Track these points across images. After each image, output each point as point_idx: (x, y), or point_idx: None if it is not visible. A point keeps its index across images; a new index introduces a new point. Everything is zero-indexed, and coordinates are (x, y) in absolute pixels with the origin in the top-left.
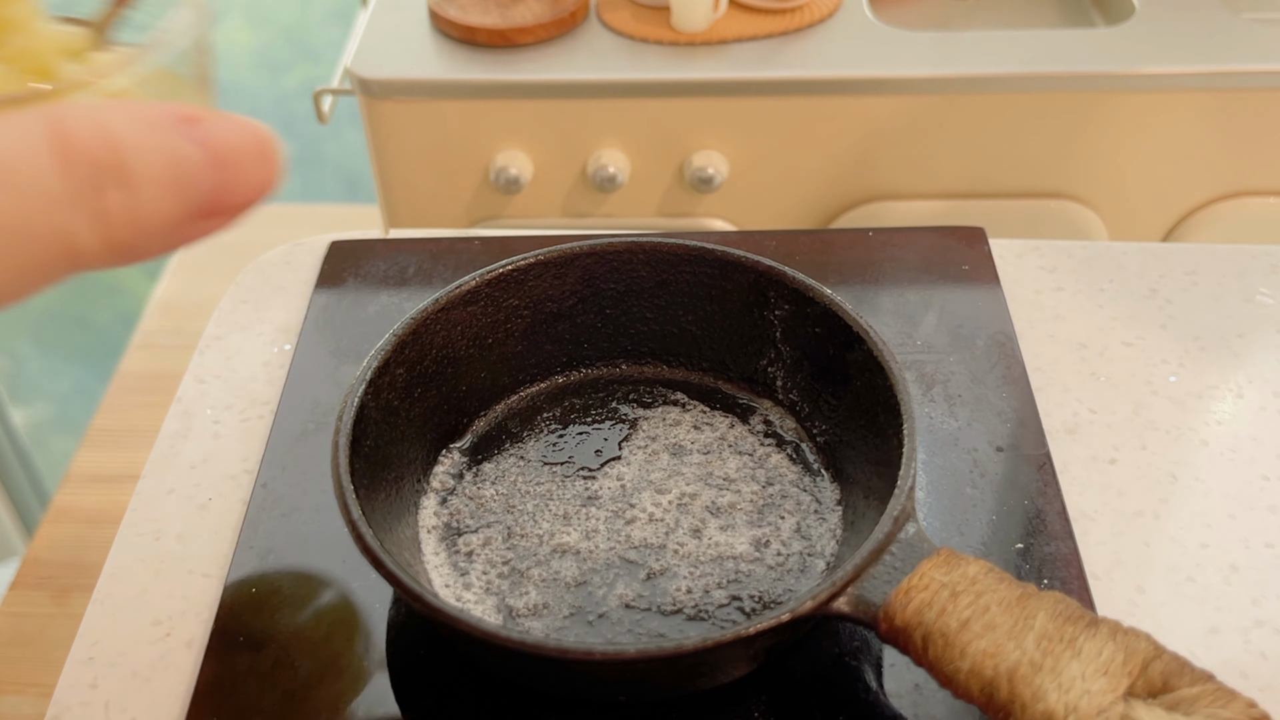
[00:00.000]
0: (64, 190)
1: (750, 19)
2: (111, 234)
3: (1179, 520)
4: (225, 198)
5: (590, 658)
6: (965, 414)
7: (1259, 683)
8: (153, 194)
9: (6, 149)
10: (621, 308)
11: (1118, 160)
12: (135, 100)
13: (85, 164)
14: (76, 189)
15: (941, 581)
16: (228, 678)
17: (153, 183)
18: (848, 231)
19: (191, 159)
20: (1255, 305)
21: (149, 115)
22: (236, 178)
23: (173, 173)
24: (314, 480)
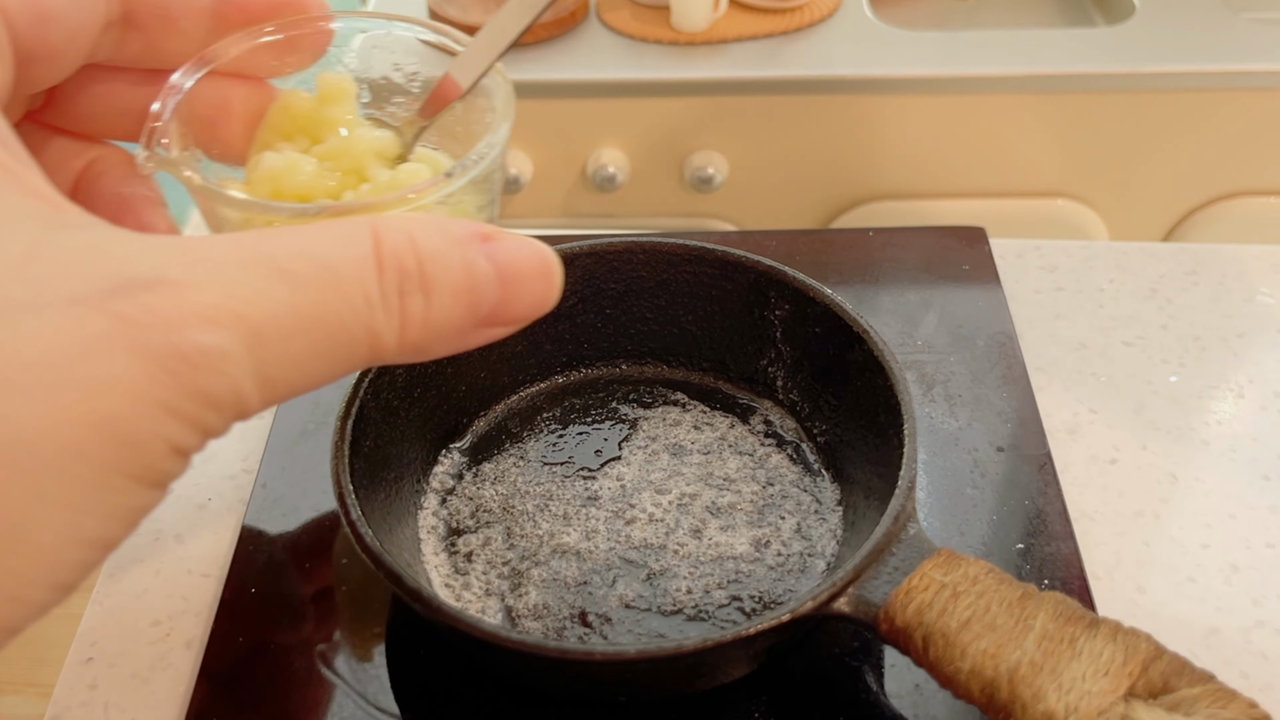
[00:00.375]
0: (378, 293)
1: (750, 18)
2: (408, 336)
3: (1180, 520)
4: (508, 310)
5: (590, 658)
6: (966, 414)
7: (1260, 683)
8: (447, 303)
9: (340, 254)
10: (621, 308)
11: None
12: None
13: (396, 271)
14: (386, 293)
15: (942, 582)
16: (227, 678)
17: (449, 293)
18: (848, 231)
19: (484, 274)
20: (1256, 305)
21: (452, 232)
22: (520, 293)
23: (467, 285)
24: (314, 480)
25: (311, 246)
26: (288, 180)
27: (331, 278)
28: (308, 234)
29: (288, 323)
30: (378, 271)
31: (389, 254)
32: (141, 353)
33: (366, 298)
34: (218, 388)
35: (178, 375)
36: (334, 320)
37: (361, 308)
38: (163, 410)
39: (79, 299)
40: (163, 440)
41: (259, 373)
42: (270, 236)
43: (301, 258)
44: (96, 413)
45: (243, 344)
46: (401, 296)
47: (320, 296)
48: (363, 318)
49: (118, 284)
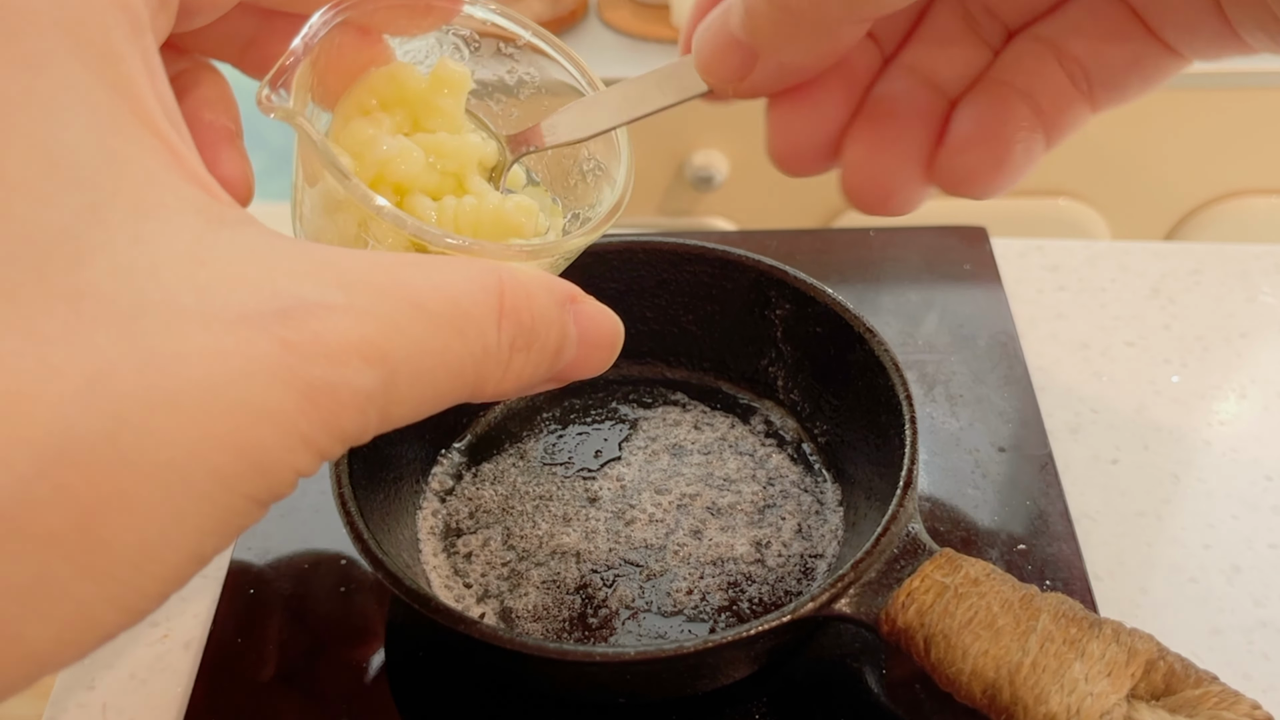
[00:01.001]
0: (495, 344)
1: None
2: (503, 386)
3: (1181, 521)
4: (573, 370)
5: (590, 660)
6: (967, 414)
7: (1262, 684)
8: (539, 359)
9: (473, 300)
10: (621, 307)
11: (1120, 159)
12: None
13: (514, 325)
14: (501, 345)
15: (944, 583)
16: (225, 679)
17: (544, 351)
18: (849, 231)
19: (570, 337)
20: (1258, 305)
21: (556, 293)
22: (590, 356)
23: (557, 345)
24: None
25: (448, 287)
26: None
27: (462, 322)
28: (443, 270)
29: (421, 364)
30: (498, 323)
31: (510, 307)
32: (299, 385)
33: (485, 346)
34: (353, 424)
35: (325, 411)
36: (455, 363)
37: (479, 355)
38: (301, 442)
39: (246, 318)
40: (292, 469)
41: (385, 410)
42: (410, 265)
43: (439, 297)
44: (247, 442)
45: (382, 383)
46: (512, 351)
47: (449, 340)
48: (478, 364)
49: (284, 305)
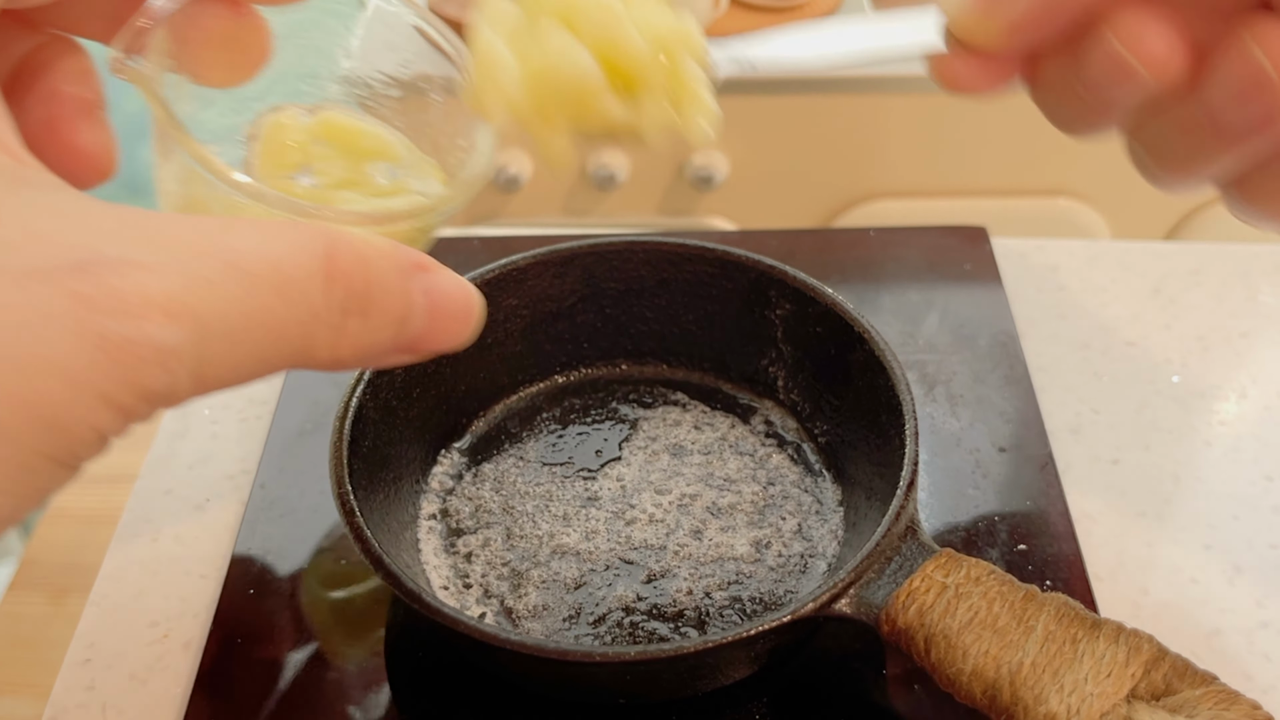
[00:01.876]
0: (323, 307)
1: (751, 17)
2: (339, 352)
3: (1182, 521)
4: (425, 342)
5: (590, 660)
6: (967, 414)
7: (1263, 684)
8: (380, 327)
9: (295, 262)
10: (622, 307)
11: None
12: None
13: (344, 289)
14: (330, 308)
15: (944, 583)
16: (225, 680)
17: (384, 318)
18: (849, 231)
19: (417, 306)
20: (1259, 304)
21: (399, 260)
22: (442, 328)
23: (401, 313)
24: (312, 481)
25: (269, 248)
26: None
27: (283, 284)
28: (266, 232)
29: (235, 323)
30: (326, 286)
31: (340, 271)
32: (91, 338)
33: (312, 310)
34: (158, 382)
35: (124, 366)
36: (277, 326)
37: (306, 319)
38: (98, 399)
39: (36, 272)
40: (91, 428)
41: (197, 369)
42: (231, 228)
43: (258, 258)
44: (33, 396)
45: (190, 340)
46: (344, 315)
47: (269, 302)
48: (305, 328)
49: (80, 260)
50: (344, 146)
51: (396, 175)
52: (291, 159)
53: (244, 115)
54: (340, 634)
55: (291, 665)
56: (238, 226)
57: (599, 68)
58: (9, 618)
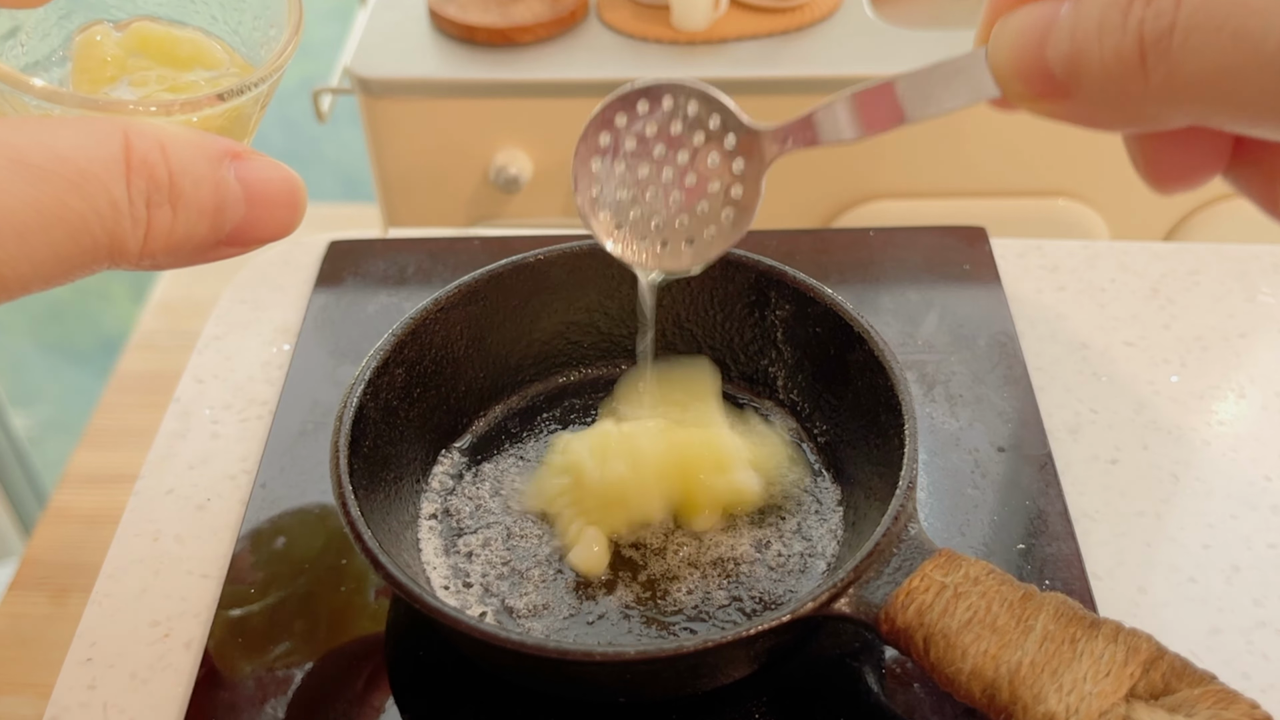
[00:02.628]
0: (123, 199)
1: (751, 17)
2: (151, 245)
3: (1180, 520)
4: (249, 232)
5: (590, 659)
6: (966, 414)
7: (1261, 683)
8: (193, 217)
9: (88, 155)
10: (622, 307)
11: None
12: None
13: (146, 180)
14: (133, 200)
15: (943, 582)
16: (226, 679)
17: (195, 208)
18: (848, 231)
19: (232, 194)
20: (1257, 304)
21: (206, 148)
22: (264, 216)
23: (214, 202)
24: (313, 481)
25: (58, 143)
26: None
27: (76, 177)
28: (57, 128)
29: (27, 220)
30: (126, 177)
31: (139, 162)
32: None
33: (112, 202)
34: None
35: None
36: (76, 221)
37: (106, 211)
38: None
39: None
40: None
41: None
42: (14, 126)
43: (46, 153)
44: None
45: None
46: (149, 206)
47: (63, 196)
48: (106, 222)
49: None
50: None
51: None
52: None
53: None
54: (341, 633)
55: (292, 665)
56: (22, 123)
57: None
58: (10, 617)
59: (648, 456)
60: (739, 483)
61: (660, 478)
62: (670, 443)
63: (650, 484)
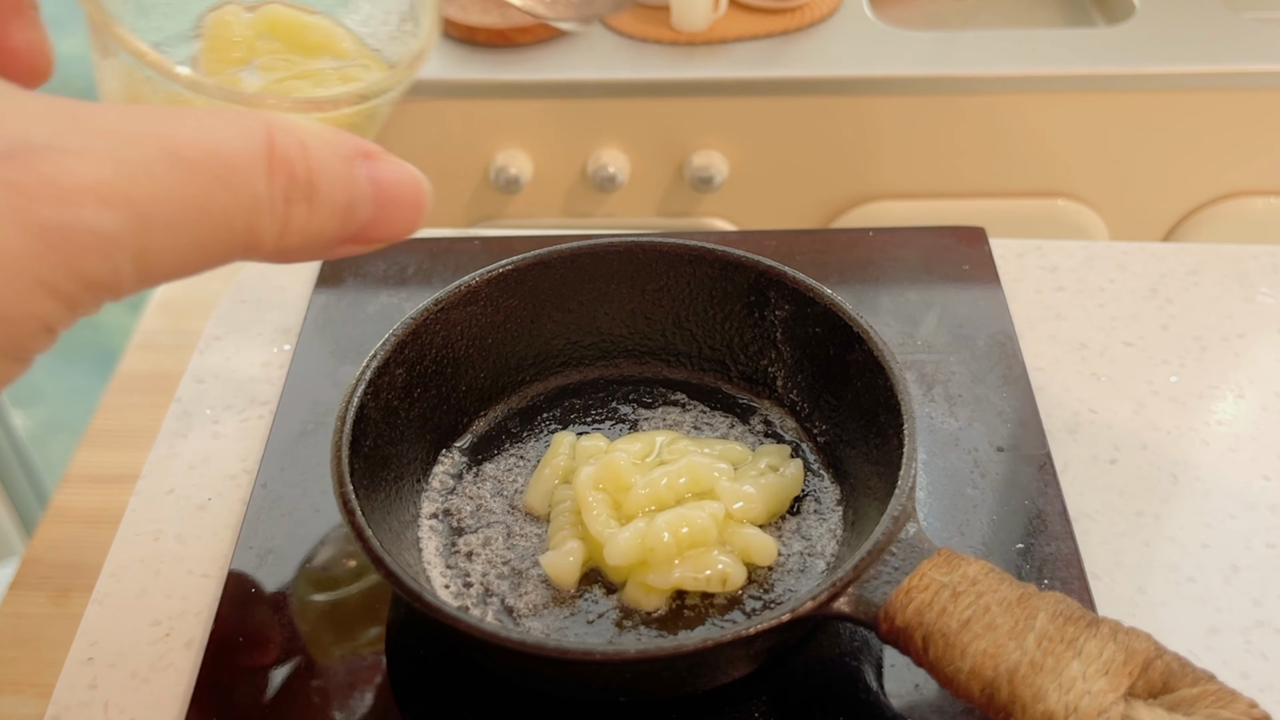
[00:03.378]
0: (265, 195)
1: (750, 18)
2: (285, 240)
3: (1179, 520)
4: (375, 231)
5: (590, 658)
6: (966, 414)
7: (1260, 683)
8: (325, 215)
9: (235, 149)
10: (622, 307)
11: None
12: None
13: (286, 176)
14: (273, 196)
15: (942, 582)
16: (227, 678)
17: (329, 206)
18: (848, 231)
19: (363, 193)
20: (1256, 305)
21: (341, 147)
22: (390, 216)
23: (345, 201)
24: (314, 480)
25: (207, 135)
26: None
27: (223, 171)
28: (204, 120)
29: (175, 211)
30: (268, 173)
31: (281, 158)
32: (28, 225)
33: (254, 197)
34: (100, 270)
35: (63, 253)
36: (219, 215)
37: (248, 206)
38: (41, 288)
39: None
40: (37, 318)
41: (139, 258)
42: (168, 117)
43: (196, 145)
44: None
45: (130, 228)
46: (287, 203)
47: (209, 188)
48: (247, 215)
49: (9, 146)
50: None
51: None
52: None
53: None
54: (341, 633)
55: (293, 664)
56: (175, 115)
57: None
58: (11, 617)
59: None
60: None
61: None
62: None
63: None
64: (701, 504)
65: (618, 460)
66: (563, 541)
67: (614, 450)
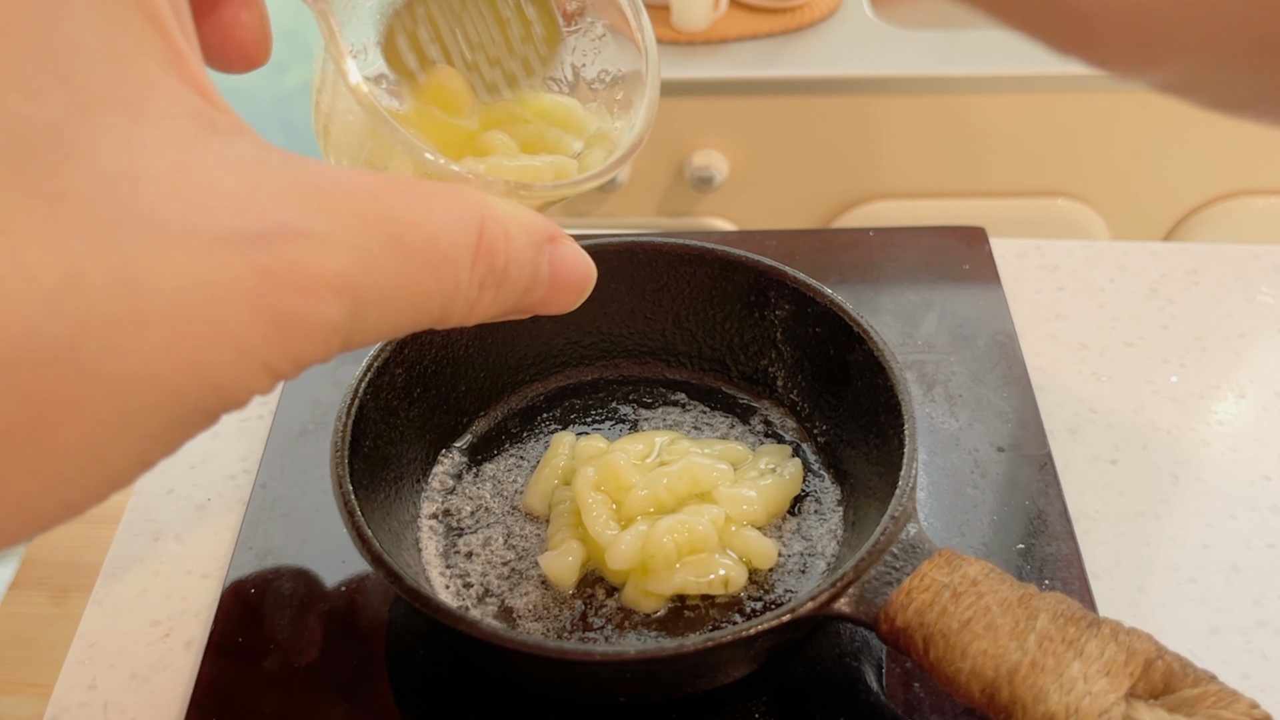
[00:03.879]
0: (466, 283)
1: (750, 18)
2: (468, 320)
3: (1180, 520)
4: (537, 309)
5: (590, 659)
6: (966, 414)
7: (1260, 683)
8: (508, 299)
9: (451, 239)
10: (622, 308)
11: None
12: (531, 214)
13: (488, 266)
14: (472, 283)
15: (943, 582)
16: (226, 678)
17: (514, 290)
18: (848, 231)
19: (542, 279)
20: (1256, 305)
21: (535, 234)
22: (557, 298)
23: (528, 285)
24: (313, 480)
25: (429, 220)
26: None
27: (437, 260)
28: (430, 203)
29: (389, 297)
30: (472, 263)
31: (486, 249)
32: (268, 312)
33: (457, 285)
34: (316, 353)
35: (289, 339)
36: (422, 297)
37: (450, 292)
38: (262, 367)
39: (225, 240)
40: (248, 390)
41: (348, 339)
42: (396, 195)
43: (419, 232)
44: (207, 363)
45: (350, 315)
46: (481, 289)
47: (421, 276)
48: (447, 300)
49: (263, 229)
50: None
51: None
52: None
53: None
54: (341, 633)
55: (292, 664)
56: (402, 194)
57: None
58: (10, 617)
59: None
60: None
61: (654, 566)
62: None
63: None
64: (702, 509)
65: (617, 461)
66: (561, 542)
67: (613, 451)
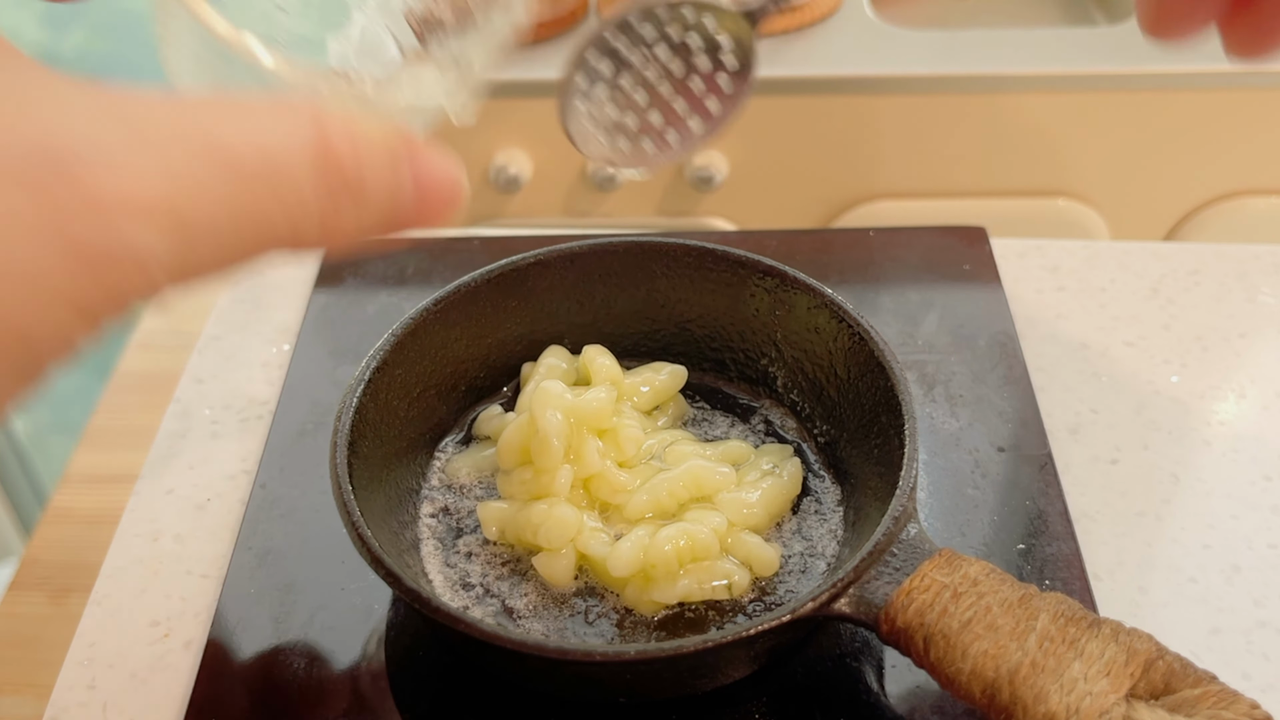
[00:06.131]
0: (312, 197)
1: None
2: (325, 239)
3: (1181, 521)
4: (407, 225)
5: (590, 659)
6: (967, 414)
7: (1261, 683)
8: (370, 214)
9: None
10: (621, 307)
11: (1119, 159)
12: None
13: (335, 178)
14: (319, 197)
15: (943, 583)
16: (226, 679)
17: (374, 206)
18: (848, 231)
19: (406, 193)
20: (1257, 305)
21: (392, 146)
22: (427, 212)
23: (390, 201)
24: (313, 481)
25: (258, 134)
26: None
27: (272, 174)
28: (256, 117)
29: (220, 219)
30: (316, 173)
31: (333, 161)
32: (59, 241)
33: (300, 200)
34: (135, 285)
35: (98, 272)
36: (262, 217)
37: (294, 208)
38: (67, 305)
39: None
40: (59, 335)
41: (179, 270)
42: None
43: (246, 146)
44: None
45: (172, 242)
46: (333, 203)
47: (258, 194)
48: (292, 218)
49: (46, 150)
50: None
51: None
52: None
53: None
54: (341, 634)
55: (292, 665)
56: (225, 111)
57: None
58: (10, 617)
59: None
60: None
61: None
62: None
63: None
64: (703, 516)
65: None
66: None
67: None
